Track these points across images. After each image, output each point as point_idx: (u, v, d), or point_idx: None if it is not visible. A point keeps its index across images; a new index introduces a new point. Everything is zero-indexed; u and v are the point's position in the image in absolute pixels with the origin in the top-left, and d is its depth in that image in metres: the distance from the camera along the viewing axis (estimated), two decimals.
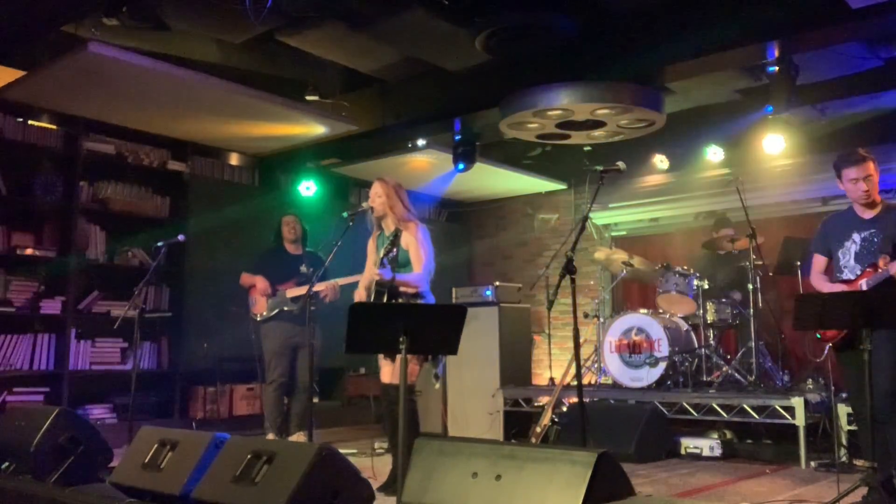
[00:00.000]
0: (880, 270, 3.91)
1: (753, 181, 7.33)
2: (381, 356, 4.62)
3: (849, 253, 4.15)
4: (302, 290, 5.87)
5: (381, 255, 4.37)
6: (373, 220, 4.70)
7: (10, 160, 6.49)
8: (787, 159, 7.40)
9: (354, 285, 4.98)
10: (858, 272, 4.07)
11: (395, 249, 4.35)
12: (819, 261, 4.33)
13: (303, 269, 6.14)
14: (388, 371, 4.53)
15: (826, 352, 4.15)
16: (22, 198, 6.53)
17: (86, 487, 3.94)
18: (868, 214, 4.15)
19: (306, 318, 5.25)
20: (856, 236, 4.13)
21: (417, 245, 4.51)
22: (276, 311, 6.07)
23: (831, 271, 4.29)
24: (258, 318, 6.16)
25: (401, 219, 4.59)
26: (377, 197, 4.62)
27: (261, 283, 6.13)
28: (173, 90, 6.15)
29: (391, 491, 4.24)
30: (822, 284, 4.24)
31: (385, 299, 4.37)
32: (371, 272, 4.61)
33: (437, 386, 6.77)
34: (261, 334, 6.19)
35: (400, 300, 4.43)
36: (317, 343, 5.50)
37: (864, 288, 3.94)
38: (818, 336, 4.16)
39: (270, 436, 5.99)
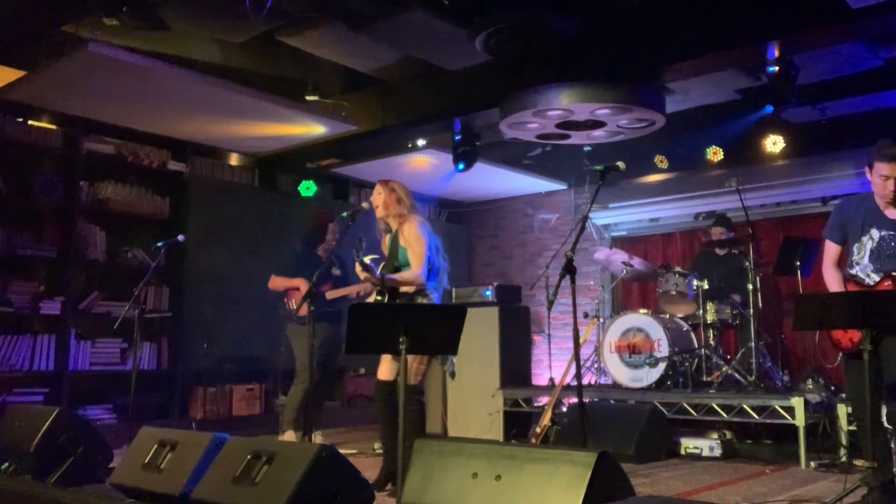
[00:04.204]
0: None
1: (753, 181, 7.33)
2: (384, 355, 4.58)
3: (864, 249, 3.88)
4: (341, 293, 5.95)
5: (361, 258, 4.29)
6: (380, 223, 4.69)
7: (10, 160, 6.49)
8: (787, 159, 7.41)
9: None
10: (870, 271, 3.86)
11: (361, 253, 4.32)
12: (832, 249, 4.01)
13: (335, 271, 6.12)
14: (388, 368, 4.47)
15: (840, 358, 4.00)
16: (22, 198, 6.54)
17: (86, 487, 3.94)
18: (892, 213, 3.86)
19: (310, 319, 5.25)
20: (874, 232, 3.86)
21: (412, 241, 4.42)
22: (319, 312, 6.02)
23: (843, 262, 4.03)
24: (298, 318, 6.03)
25: (397, 216, 4.54)
26: (377, 196, 4.61)
27: (304, 286, 5.95)
28: (173, 90, 6.15)
29: (380, 488, 4.26)
30: (832, 281, 3.96)
31: (386, 299, 4.36)
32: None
33: (453, 381, 6.71)
34: (297, 333, 6.07)
35: (401, 300, 4.41)
36: (316, 343, 5.52)
37: None
38: (836, 344, 3.90)
39: (290, 434, 5.91)
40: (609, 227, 9.13)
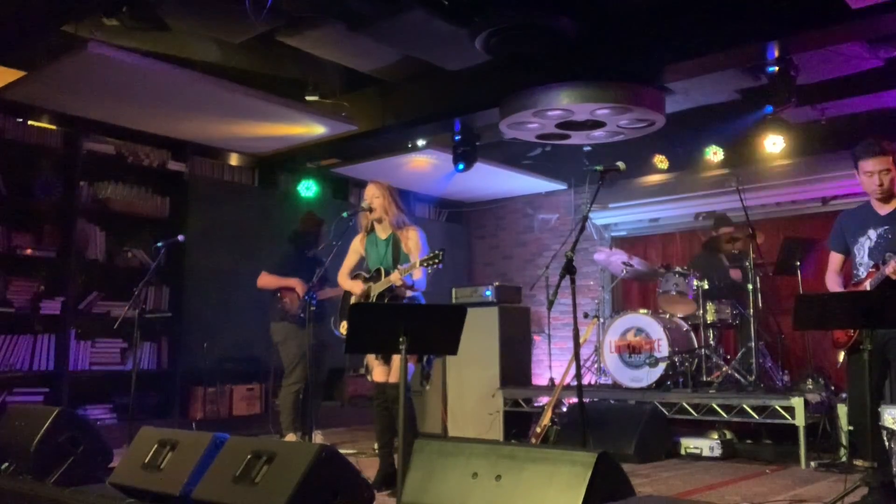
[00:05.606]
0: (881, 269, 3.86)
1: (753, 181, 7.33)
2: (370, 356, 4.63)
3: (863, 249, 3.99)
4: (333, 293, 5.89)
5: (413, 263, 4.34)
6: (363, 220, 4.70)
7: (10, 160, 6.48)
8: (787, 159, 7.41)
9: None
10: (870, 268, 3.94)
11: (397, 257, 4.35)
12: (835, 258, 4.17)
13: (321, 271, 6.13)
14: (381, 371, 4.54)
15: (842, 358, 4.03)
16: (22, 198, 6.53)
17: (86, 487, 3.94)
18: (884, 210, 3.98)
19: (306, 319, 5.26)
20: (871, 232, 3.98)
21: (417, 251, 4.52)
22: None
23: (849, 269, 4.13)
24: (293, 317, 6.09)
25: (397, 223, 4.61)
26: (374, 199, 4.63)
27: (300, 286, 6.05)
28: (173, 90, 6.15)
29: (380, 488, 4.29)
30: (834, 286, 4.09)
31: (385, 300, 4.41)
32: (349, 269, 4.74)
33: (428, 387, 6.76)
34: (288, 333, 6.11)
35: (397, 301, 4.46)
36: (305, 343, 5.54)
37: (868, 289, 3.85)
38: (836, 343, 4.00)
39: (290, 437, 5.93)
40: (609, 227, 9.13)
